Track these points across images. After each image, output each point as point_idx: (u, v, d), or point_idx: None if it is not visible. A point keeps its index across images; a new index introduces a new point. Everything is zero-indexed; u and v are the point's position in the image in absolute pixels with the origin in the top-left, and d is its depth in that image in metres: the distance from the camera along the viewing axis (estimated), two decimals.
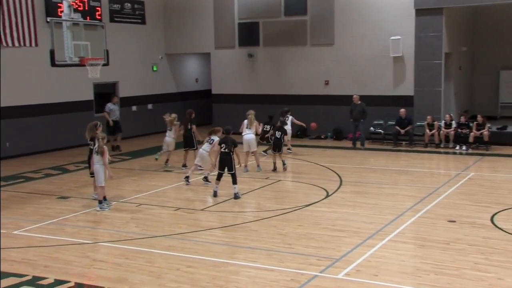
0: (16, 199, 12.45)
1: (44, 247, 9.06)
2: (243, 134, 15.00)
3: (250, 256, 8.48)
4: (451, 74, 19.94)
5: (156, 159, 15.41)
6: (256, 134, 15.19)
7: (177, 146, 15.44)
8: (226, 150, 11.87)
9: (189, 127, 15.17)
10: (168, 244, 9.08)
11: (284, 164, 14.78)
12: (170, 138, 15.14)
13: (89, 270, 8.11)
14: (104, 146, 11.13)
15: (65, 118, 18.94)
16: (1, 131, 17.14)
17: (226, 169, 11.98)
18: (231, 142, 11.93)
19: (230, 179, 12.08)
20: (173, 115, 15.27)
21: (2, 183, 14.09)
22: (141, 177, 14.46)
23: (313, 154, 17.36)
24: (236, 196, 11.91)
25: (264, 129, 16.25)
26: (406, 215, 10.52)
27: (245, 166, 14.70)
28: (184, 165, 15.14)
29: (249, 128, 14.93)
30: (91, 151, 11.76)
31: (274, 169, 14.76)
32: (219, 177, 12.09)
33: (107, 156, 11.16)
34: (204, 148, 13.15)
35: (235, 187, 11.97)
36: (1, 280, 7.72)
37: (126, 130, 20.68)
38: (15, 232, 9.92)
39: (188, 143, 15.14)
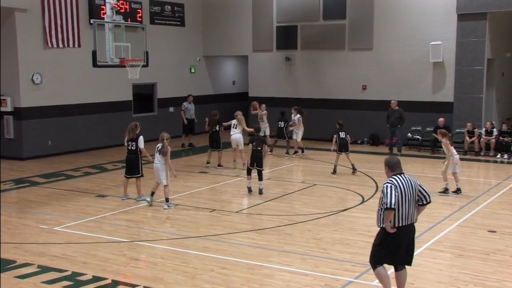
0: (57, 196, 12.76)
1: (83, 244, 9.26)
2: (231, 133, 15.83)
3: (284, 260, 8.47)
4: (493, 81, 19.49)
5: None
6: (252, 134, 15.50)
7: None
8: (259, 148, 12.48)
9: (217, 128, 15.74)
10: (203, 245, 9.15)
11: (354, 169, 15.00)
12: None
13: (126, 268, 8.24)
14: (168, 146, 11.36)
15: (105, 118, 19.31)
16: (40, 130, 17.60)
17: (255, 165, 12.55)
18: (260, 140, 12.66)
19: (267, 181, 12.09)
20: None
21: (44, 180, 14.47)
22: (177, 178, 14.56)
23: (330, 157, 17.19)
24: (260, 192, 12.55)
25: (279, 125, 17.51)
26: (443, 223, 10.34)
27: (234, 161, 15.86)
28: (209, 163, 15.85)
29: (236, 128, 15.76)
30: (130, 151, 11.98)
31: (334, 172, 14.94)
32: (249, 172, 12.67)
33: (169, 156, 11.41)
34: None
35: (260, 183, 12.58)
36: (43, 275, 7.93)
37: (163, 131, 20.90)
38: (55, 228, 10.16)
39: (215, 144, 15.70)
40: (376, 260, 6.59)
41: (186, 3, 22.47)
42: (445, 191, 12.34)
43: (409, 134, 18.97)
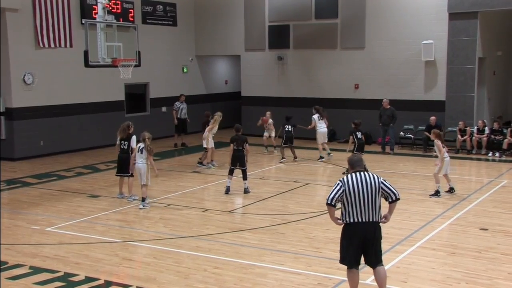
0: (49, 196, 12.71)
1: (75, 244, 9.23)
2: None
3: (277, 259, 8.48)
4: (484, 79, 19.60)
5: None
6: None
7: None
8: (240, 148, 12.49)
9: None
10: (196, 245, 9.15)
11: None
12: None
13: (118, 268, 8.22)
14: (151, 146, 11.42)
15: (97, 118, 19.26)
16: (32, 130, 17.52)
17: (238, 165, 12.54)
18: (241, 139, 12.60)
19: (260, 181, 12.09)
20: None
21: (36, 180, 14.41)
22: (170, 178, 14.59)
23: (342, 158, 17.23)
24: (246, 191, 12.57)
25: (286, 129, 16.61)
26: (436, 221, 10.38)
27: (212, 161, 15.69)
28: (200, 163, 15.81)
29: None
30: (122, 150, 11.99)
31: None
32: (231, 172, 12.60)
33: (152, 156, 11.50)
34: None
35: (245, 182, 12.65)
36: (35, 276, 7.90)
37: (155, 130, 20.88)
38: (47, 229, 10.13)
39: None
40: (340, 259, 6.68)
41: (178, 3, 22.44)
42: (437, 193, 12.29)
43: (401, 133, 19.03)
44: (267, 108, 19.27)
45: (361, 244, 6.46)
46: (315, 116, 16.98)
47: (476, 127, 17.93)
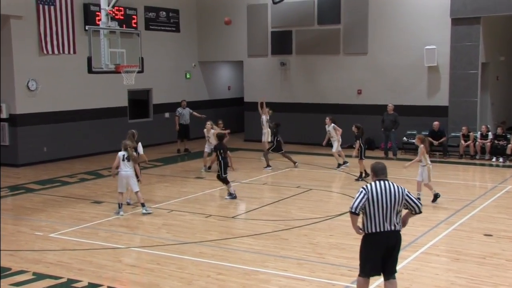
0: (52, 202, 12.72)
1: (79, 251, 9.23)
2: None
3: (280, 265, 8.46)
4: (488, 85, 19.58)
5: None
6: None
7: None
8: (224, 155, 12.66)
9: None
10: (199, 251, 9.14)
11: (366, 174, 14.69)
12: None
13: (122, 274, 8.22)
14: (135, 153, 11.55)
15: (100, 124, 19.29)
16: (35, 136, 17.56)
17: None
18: (225, 148, 12.84)
19: (263, 186, 12.09)
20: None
21: (40, 186, 14.44)
22: (173, 183, 14.59)
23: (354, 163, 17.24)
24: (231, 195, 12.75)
25: (278, 138, 16.49)
26: (439, 227, 10.36)
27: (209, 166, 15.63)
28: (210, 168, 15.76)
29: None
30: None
31: (362, 177, 14.64)
32: (227, 180, 12.75)
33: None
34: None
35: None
36: (38, 282, 7.90)
37: (158, 136, 20.98)
38: (51, 235, 10.13)
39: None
40: (360, 269, 6.55)
41: (181, 9, 22.50)
42: (437, 196, 12.11)
43: (404, 138, 19.01)
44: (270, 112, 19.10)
45: (382, 254, 6.34)
46: (334, 126, 16.50)
47: (479, 132, 17.91)
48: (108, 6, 13.53)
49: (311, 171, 16.29)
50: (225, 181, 12.75)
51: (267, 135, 17.76)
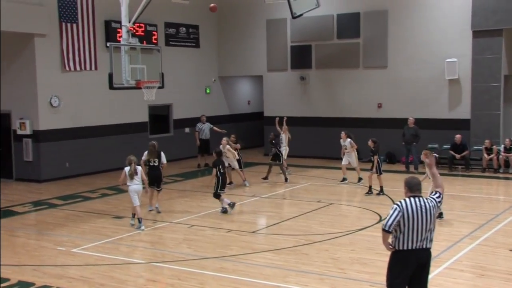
0: (74, 218, 12.83)
1: (100, 266, 9.27)
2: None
3: (302, 280, 8.40)
4: (510, 97, 19.32)
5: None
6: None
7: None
8: (222, 171, 12.79)
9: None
10: (220, 266, 9.11)
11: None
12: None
13: None
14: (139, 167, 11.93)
15: (121, 139, 19.44)
16: (58, 152, 17.77)
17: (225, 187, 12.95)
18: (224, 163, 13.23)
19: (283, 201, 12.04)
20: None
21: (62, 202, 14.58)
22: (193, 198, 14.62)
23: (365, 177, 17.10)
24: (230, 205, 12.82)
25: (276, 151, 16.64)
26: (463, 242, 10.19)
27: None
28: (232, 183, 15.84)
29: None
30: (152, 167, 12.84)
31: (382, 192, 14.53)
32: (219, 196, 12.82)
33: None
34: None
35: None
36: None
37: (179, 151, 21.07)
38: (73, 250, 10.20)
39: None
40: (387, 286, 6.29)
41: (201, 25, 22.71)
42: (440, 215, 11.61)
43: None
44: (290, 128, 19.00)
45: (412, 271, 6.10)
46: (349, 141, 16.24)
47: (503, 146, 17.66)
48: (129, 22, 13.73)
49: (332, 185, 16.19)
50: (217, 197, 12.79)
51: (285, 152, 17.64)
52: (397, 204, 6.13)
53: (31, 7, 16.53)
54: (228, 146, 15.39)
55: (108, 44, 15.11)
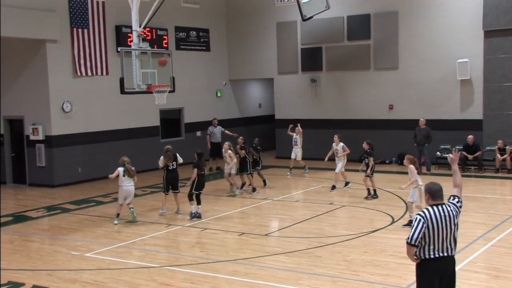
0: (87, 222, 12.90)
1: (114, 270, 9.31)
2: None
3: (315, 282, 8.38)
4: None
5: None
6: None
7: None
8: (202, 172, 12.79)
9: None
10: (233, 269, 9.12)
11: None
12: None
13: None
14: (132, 168, 12.53)
15: (133, 143, 19.52)
16: (70, 157, 17.88)
17: (202, 189, 12.84)
18: (204, 165, 12.99)
19: (296, 203, 12.03)
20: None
21: (75, 206, 14.67)
22: (205, 202, 14.59)
23: (377, 179, 17.01)
24: (199, 216, 12.59)
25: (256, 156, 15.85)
26: (477, 243, 10.11)
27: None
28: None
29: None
30: (170, 171, 13.14)
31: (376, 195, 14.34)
32: (193, 197, 12.68)
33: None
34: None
35: (199, 207, 12.69)
36: None
37: (190, 155, 21.01)
38: (86, 254, 10.26)
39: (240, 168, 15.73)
40: None
41: (211, 28, 22.78)
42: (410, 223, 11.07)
43: (438, 153, 18.71)
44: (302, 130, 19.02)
45: (440, 280, 5.88)
46: (343, 145, 15.81)
47: None
48: (140, 27, 13.80)
49: (344, 187, 16.12)
50: (190, 198, 12.66)
51: (300, 153, 17.64)
52: (420, 215, 5.81)
53: (43, 13, 16.68)
54: (230, 152, 15.15)
55: (119, 49, 15.21)
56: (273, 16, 22.41)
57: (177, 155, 13.33)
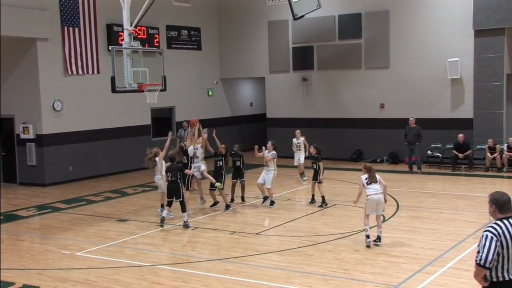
0: (78, 221, 12.86)
1: (105, 269, 9.29)
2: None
3: (306, 281, 8.40)
4: None
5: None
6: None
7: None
8: (173, 178, 11.69)
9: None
10: (224, 268, 9.12)
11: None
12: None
13: None
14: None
15: (124, 142, 19.50)
16: (61, 156, 17.81)
17: (175, 197, 11.77)
18: (176, 169, 11.74)
19: (287, 202, 12.03)
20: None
21: (66, 205, 14.61)
22: (196, 201, 14.60)
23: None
24: (185, 225, 11.66)
25: (237, 164, 13.95)
26: (467, 241, 10.18)
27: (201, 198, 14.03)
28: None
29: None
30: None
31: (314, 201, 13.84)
32: (169, 204, 11.88)
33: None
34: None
35: (184, 215, 11.71)
36: None
37: None
38: (77, 253, 10.22)
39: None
40: None
41: (202, 27, 22.75)
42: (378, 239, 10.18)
43: (428, 152, 18.81)
44: (293, 130, 19.00)
45: None
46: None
47: (506, 145, 17.63)
48: (131, 26, 13.76)
49: (335, 186, 16.18)
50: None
51: (303, 157, 16.93)
52: (491, 232, 5.02)
53: (33, 12, 16.60)
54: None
55: (110, 47, 15.15)
56: (265, 15, 22.42)
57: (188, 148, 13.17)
